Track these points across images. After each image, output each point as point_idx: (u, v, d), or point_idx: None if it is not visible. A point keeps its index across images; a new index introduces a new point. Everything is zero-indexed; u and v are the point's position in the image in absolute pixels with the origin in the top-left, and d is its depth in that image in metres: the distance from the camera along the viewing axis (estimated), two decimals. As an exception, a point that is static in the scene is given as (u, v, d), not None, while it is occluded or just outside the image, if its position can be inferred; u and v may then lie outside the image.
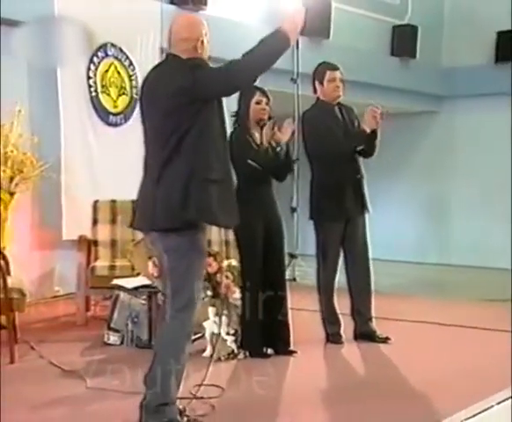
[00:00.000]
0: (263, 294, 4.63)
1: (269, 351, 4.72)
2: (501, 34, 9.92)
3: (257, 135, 4.72)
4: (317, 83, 5.11)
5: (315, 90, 5.16)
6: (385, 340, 5.11)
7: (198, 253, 3.36)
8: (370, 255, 5.22)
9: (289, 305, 4.84)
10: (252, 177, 4.61)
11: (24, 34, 4.06)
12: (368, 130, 4.98)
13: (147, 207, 3.36)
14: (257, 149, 4.67)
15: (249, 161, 4.58)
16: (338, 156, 5.04)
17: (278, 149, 4.69)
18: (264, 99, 4.67)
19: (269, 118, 4.71)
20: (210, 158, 3.31)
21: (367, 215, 5.21)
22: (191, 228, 3.30)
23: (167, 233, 3.30)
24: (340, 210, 5.08)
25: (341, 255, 5.17)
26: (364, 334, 5.15)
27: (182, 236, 3.28)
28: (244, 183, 4.41)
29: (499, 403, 3.73)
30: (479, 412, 3.57)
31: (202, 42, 3.44)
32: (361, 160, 5.20)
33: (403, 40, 9.72)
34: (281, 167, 4.76)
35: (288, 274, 7.69)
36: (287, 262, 7.56)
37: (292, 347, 4.77)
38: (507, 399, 3.80)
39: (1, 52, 5.66)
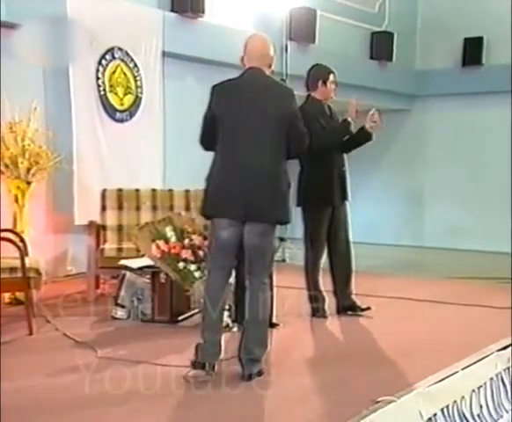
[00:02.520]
0: None
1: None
2: (467, 41, 9.95)
3: None
4: (320, 82, 5.06)
5: (308, 89, 5.14)
6: (366, 309, 5.13)
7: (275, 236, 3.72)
8: (351, 239, 5.24)
9: (280, 283, 4.86)
10: None
11: (22, 36, 4.01)
12: (350, 119, 4.98)
13: (264, 200, 3.56)
14: None
15: None
16: (329, 148, 5.04)
17: None
18: None
19: None
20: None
21: (347, 203, 5.23)
22: None
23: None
24: (327, 199, 5.08)
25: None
26: (346, 307, 5.17)
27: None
28: None
29: (463, 368, 3.76)
30: (446, 377, 3.60)
31: (273, 59, 3.72)
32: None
33: (381, 45, 9.72)
34: None
35: (278, 256, 7.72)
36: (277, 245, 7.54)
37: (276, 321, 4.78)
38: (470, 365, 3.84)
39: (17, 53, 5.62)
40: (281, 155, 3.61)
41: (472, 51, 9.86)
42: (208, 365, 3.58)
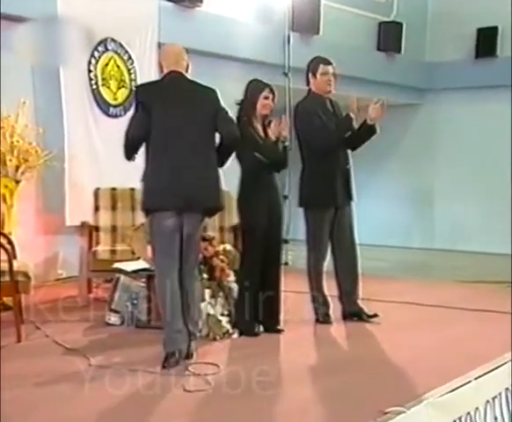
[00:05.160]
0: (260, 276, 4.68)
1: (260, 328, 4.75)
2: (480, 31, 9.93)
3: (259, 128, 4.73)
4: (310, 75, 5.09)
5: (308, 83, 5.15)
6: (373, 316, 5.13)
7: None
8: (357, 241, 5.24)
9: (282, 287, 4.86)
10: (257, 168, 4.65)
11: (26, 34, 4.06)
12: (352, 115, 4.98)
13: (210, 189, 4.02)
14: (263, 142, 4.68)
15: (256, 154, 4.61)
16: (329, 146, 5.04)
17: (286, 143, 4.75)
18: (271, 95, 4.73)
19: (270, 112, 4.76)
20: None
21: (353, 203, 5.23)
22: None
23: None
24: (330, 198, 5.08)
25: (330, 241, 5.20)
26: (352, 313, 5.17)
27: None
28: (248, 173, 4.61)
29: (477, 378, 3.76)
30: (459, 387, 3.60)
31: (188, 65, 4.16)
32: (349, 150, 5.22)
33: (388, 36, 9.73)
34: (283, 161, 4.82)
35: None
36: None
37: (282, 326, 4.80)
38: (484, 374, 3.83)
39: (6, 47, 5.63)
40: (212, 148, 4.07)
41: (486, 42, 9.85)
42: (177, 352, 3.91)
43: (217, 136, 4.13)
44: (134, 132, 4.01)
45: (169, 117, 3.98)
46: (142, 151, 4.06)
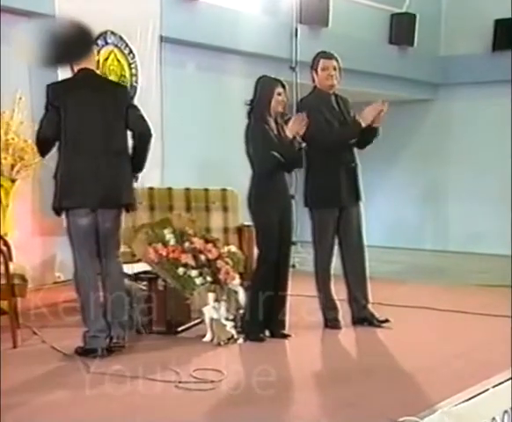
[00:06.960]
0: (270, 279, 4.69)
1: (266, 333, 4.76)
2: (498, 23, 9.89)
3: (273, 125, 4.74)
4: (313, 71, 5.14)
5: (313, 79, 5.18)
6: (384, 322, 5.13)
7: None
8: (366, 242, 5.23)
9: (289, 291, 4.87)
10: (272, 167, 4.67)
11: (23, 28, 4.07)
12: (363, 124, 4.98)
13: (114, 186, 4.29)
14: (279, 140, 4.70)
15: (273, 153, 4.62)
16: (332, 144, 5.05)
17: (303, 144, 4.78)
18: (283, 91, 4.76)
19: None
20: None
21: (361, 203, 5.22)
22: None
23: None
24: (333, 197, 5.09)
25: (337, 242, 5.20)
26: (363, 319, 5.17)
27: None
28: (262, 173, 4.65)
29: (494, 386, 3.75)
30: (475, 395, 3.60)
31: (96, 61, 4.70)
32: (355, 148, 5.22)
33: (401, 29, 9.70)
34: (299, 160, 4.84)
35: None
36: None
37: (287, 331, 4.81)
38: (502, 383, 3.83)
39: (1, 41, 5.65)
40: (125, 144, 4.35)
41: (504, 34, 9.80)
42: (99, 349, 4.20)
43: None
44: (44, 132, 4.24)
45: (81, 114, 4.22)
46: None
